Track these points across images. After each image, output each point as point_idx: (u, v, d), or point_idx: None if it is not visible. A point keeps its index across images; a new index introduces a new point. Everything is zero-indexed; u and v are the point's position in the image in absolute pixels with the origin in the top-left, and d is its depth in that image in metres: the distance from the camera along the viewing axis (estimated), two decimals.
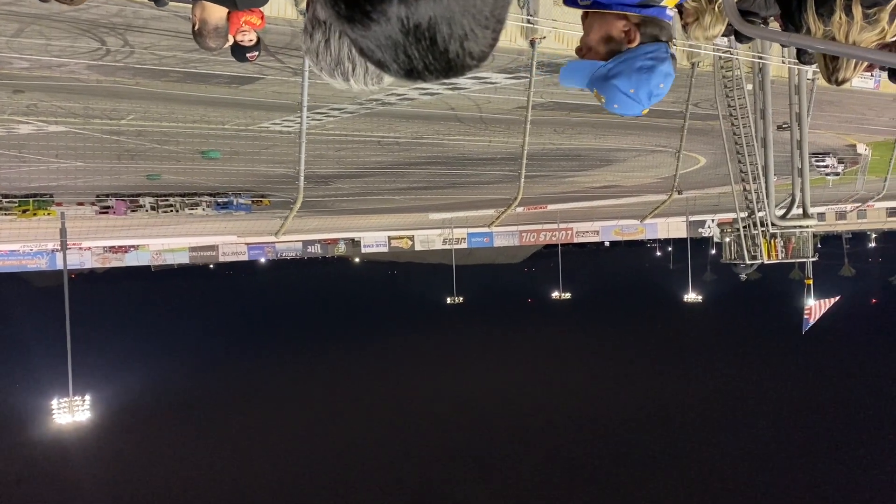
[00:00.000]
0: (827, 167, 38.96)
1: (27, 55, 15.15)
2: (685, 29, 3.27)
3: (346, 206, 35.36)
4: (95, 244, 40.56)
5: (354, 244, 50.13)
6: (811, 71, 20.19)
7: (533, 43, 16.36)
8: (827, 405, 49.18)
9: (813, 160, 34.03)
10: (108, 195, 31.87)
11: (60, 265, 33.10)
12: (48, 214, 30.78)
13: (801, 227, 24.15)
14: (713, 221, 50.23)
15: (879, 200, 41.84)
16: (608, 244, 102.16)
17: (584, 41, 2.24)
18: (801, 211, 24.13)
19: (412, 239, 50.79)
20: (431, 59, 0.89)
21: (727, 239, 25.32)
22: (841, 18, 2.24)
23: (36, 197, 30.42)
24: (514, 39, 16.44)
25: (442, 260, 72.04)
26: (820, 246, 38.54)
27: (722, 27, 3.16)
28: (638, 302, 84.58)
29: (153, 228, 36.65)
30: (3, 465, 42.76)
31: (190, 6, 4.27)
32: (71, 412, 30.84)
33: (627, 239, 64.71)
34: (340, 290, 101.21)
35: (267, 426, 48.08)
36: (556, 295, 61.25)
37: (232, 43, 4.86)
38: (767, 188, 22.75)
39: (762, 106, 22.31)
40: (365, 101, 21.81)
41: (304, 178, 15.57)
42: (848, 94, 24.67)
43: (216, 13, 4.20)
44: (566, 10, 2.42)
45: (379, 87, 1.34)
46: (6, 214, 29.64)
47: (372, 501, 38.66)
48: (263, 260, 59.93)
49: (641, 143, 32.50)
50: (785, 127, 24.51)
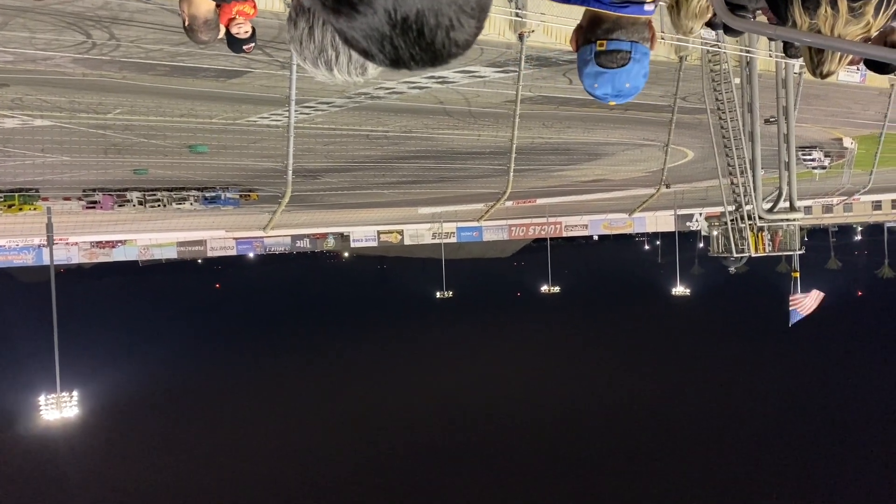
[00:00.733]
0: (814, 161, 39.20)
1: (11, 48, 15.00)
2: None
3: (334, 200, 35.34)
4: (82, 239, 40.35)
5: (343, 238, 50.12)
6: (798, 65, 20.27)
7: (521, 37, 16.36)
8: (812, 396, 49.58)
9: (800, 154, 34.25)
10: (94, 190, 31.65)
11: (47, 260, 32.92)
12: (34, 209, 30.56)
13: (788, 220, 24.29)
14: (701, 215, 50.55)
15: (865, 194, 42.12)
16: (597, 238, 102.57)
17: None
18: (787, 204, 24.27)
19: (401, 233, 50.81)
20: (418, 49, 0.89)
21: (715, 232, 25.48)
22: (826, 12, 2.26)
23: (21, 192, 30.19)
24: (502, 33, 16.43)
25: (431, 254, 72.04)
26: (807, 239, 38.84)
27: (703, 21, 3.17)
28: (626, 295, 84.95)
29: (140, 223, 36.52)
30: None
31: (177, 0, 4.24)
32: (59, 408, 30.71)
33: (616, 233, 64.98)
34: (329, 284, 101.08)
35: (256, 421, 47.99)
36: (545, 288, 61.49)
37: (225, 35, 4.83)
38: (755, 182, 22.87)
39: (749, 100, 22.40)
40: (353, 94, 21.75)
41: (292, 172, 15.52)
42: (834, 88, 24.84)
43: (203, 6, 4.18)
44: (554, 3, 2.44)
45: (363, 78, 1.33)
46: None
47: (362, 496, 38.70)
48: (252, 255, 59.78)
49: (630, 137, 32.59)
50: (772, 121, 24.64)
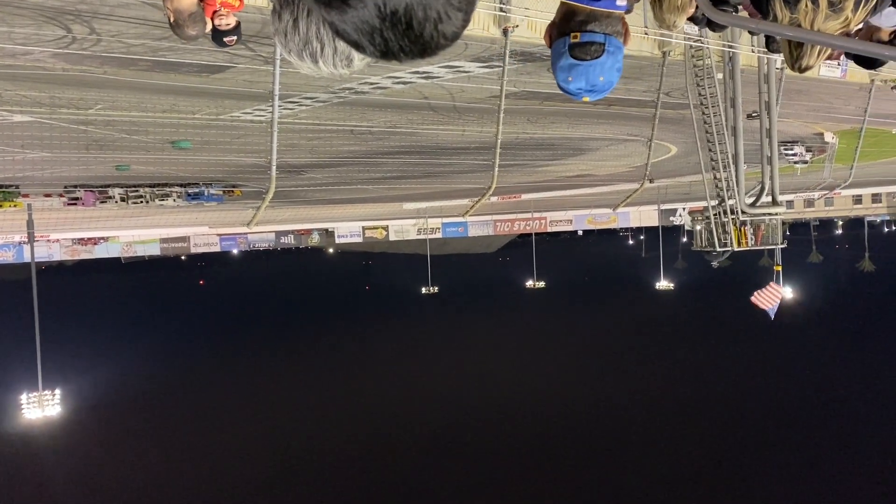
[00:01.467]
0: (795, 155, 39.53)
1: None
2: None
3: (319, 196, 35.16)
4: (64, 236, 39.95)
5: (328, 234, 49.97)
6: (780, 60, 20.44)
7: (506, 32, 16.37)
8: (797, 388, 50.12)
9: (782, 149, 34.51)
10: (76, 186, 31.32)
11: (28, 258, 32.56)
12: (14, 206, 30.22)
13: (770, 214, 24.49)
14: (684, 210, 50.87)
15: (846, 188, 42.52)
16: (581, 233, 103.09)
17: None
18: (770, 199, 24.46)
19: (386, 229, 50.73)
20: (407, 42, 0.91)
21: (698, 227, 25.59)
22: (807, 6, 2.29)
23: (1, 188, 29.83)
24: (486, 28, 16.43)
25: (417, 250, 72.07)
26: (789, 233, 39.17)
27: (685, 16, 3.19)
28: (611, 290, 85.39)
29: (123, 220, 36.18)
30: None
31: None
32: (41, 407, 30.51)
33: (600, 227, 65.32)
34: (314, 280, 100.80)
35: (241, 418, 47.83)
36: (530, 284, 61.67)
37: (211, 28, 4.79)
38: (737, 176, 23.04)
39: (732, 95, 22.56)
40: (337, 89, 21.67)
41: (276, 167, 15.46)
42: (815, 83, 25.04)
43: (186, 0, 4.15)
44: None
45: (348, 70, 1.33)
46: None
47: (348, 491, 38.69)
48: (236, 251, 59.58)
49: (614, 132, 32.71)
50: (755, 116, 24.83)
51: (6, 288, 74.80)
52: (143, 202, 32.50)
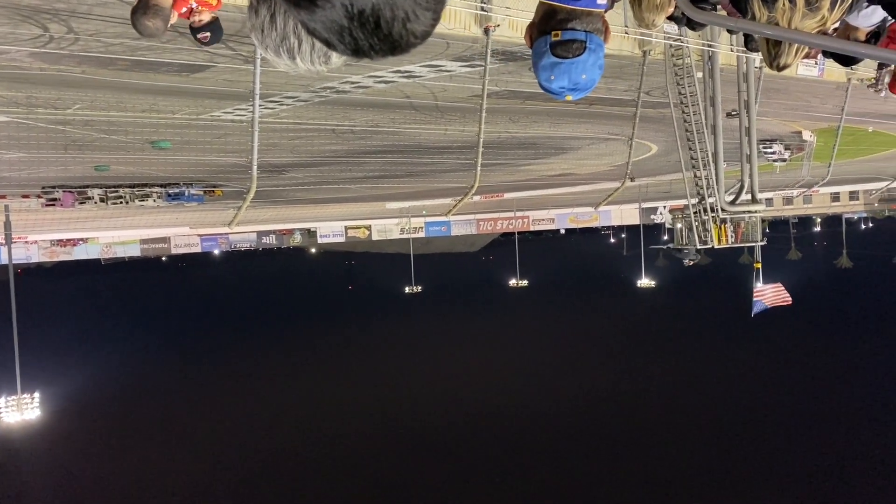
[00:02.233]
0: (774, 154, 39.91)
1: None
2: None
3: (301, 195, 35.02)
4: (42, 237, 39.51)
5: (310, 234, 49.79)
6: (759, 59, 20.62)
7: (487, 31, 16.40)
8: (776, 383, 50.64)
9: (761, 147, 34.84)
10: (54, 187, 30.96)
11: (5, 259, 32.16)
12: None
13: (749, 212, 24.76)
14: (665, 208, 51.27)
15: (824, 186, 43.06)
16: (563, 231, 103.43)
17: None
18: (749, 196, 24.72)
19: (369, 228, 50.64)
20: (376, 40, 0.93)
21: (679, 225, 25.84)
22: (784, 5, 2.32)
23: None
24: (468, 27, 16.45)
25: (400, 249, 71.95)
26: (768, 230, 39.54)
27: (664, 15, 3.21)
28: (593, 288, 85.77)
29: (102, 221, 35.80)
30: None
31: None
32: (20, 410, 30.19)
33: (582, 226, 65.66)
34: (297, 281, 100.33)
35: (223, 420, 47.53)
36: (513, 282, 61.83)
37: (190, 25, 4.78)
38: (717, 174, 23.25)
39: (712, 93, 22.77)
40: (319, 88, 21.59)
41: (257, 167, 15.38)
42: (794, 81, 25.32)
43: None
44: None
45: (326, 66, 1.33)
46: None
47: (333, 493, 38.59)
48: (217, 251, 59.16)
49: (595, 131, 32.85)
50: (734, 114, 25.05)
51: None
52: (122, 203, 32.20)
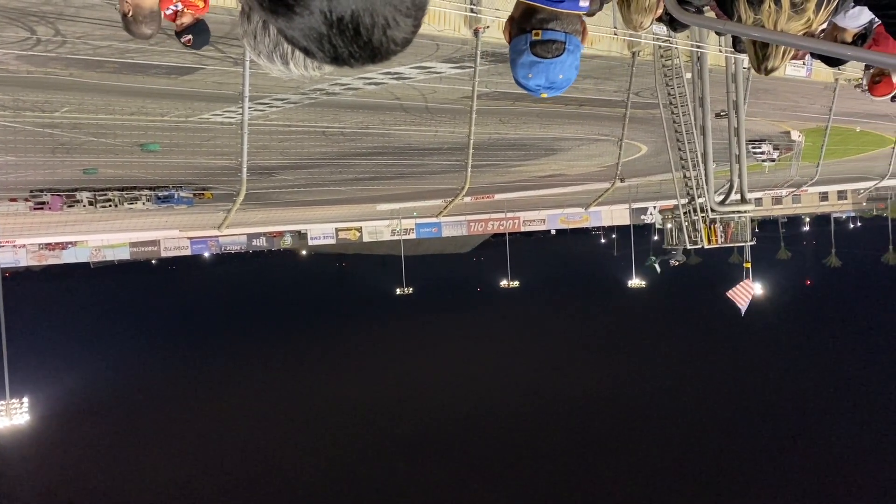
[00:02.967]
0: (763, 154, 40.11)
1: None
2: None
3: (291, 197, 34.95)
4: (31, 241, 39.25)
5: (301, 237, 49.61)
6: (747, 60, 20.74)
7: (477, 32, 16.41)
8: (762, 380, 50.87)
9: (750, 147, 35.02)
10: (42, 190, 30.78)
11: None
12: None
13: (739, 212, 24.86)
14: (655, 208, 51.42)
15: (812, 185, 43.32)
16: (554, 232, 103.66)
17: None
18: (739, 196, 24.82)
19: (360, 230, 50.54)
20: (356, 48, 0.92)
21: (669, 225, 25.92)
22: (770, 7, 2.33)
23: None
24: (457, 29, 16.46)
25: (391, 251, 71.91)
26: (758, 230, 39.73)
27: (648, 16, 3.22)
28: (584, 288, 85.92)
29: (91, 224, 35.64)
30: None
31: None
32: (8, 415, 30.05)
33: (573, 227, 65.78)
34: (288, 283, 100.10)
35: (214, 425, 47.36)
36: (504, 283, 61.91)
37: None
38: (707, 175, 23.34)
39: (701, 94, 22.85)
40: (308, 90, 21.55)
41: (246, 169, 15.32)
42: (782, 82, 25.46)
43: None
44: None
45: (319, 72, 1.32)
46: None
47: (324, 495, 38.51)
48: (207, 254, 58.93)
49: (585, 132, 32.93)
50: (723, 115, 25.16)
51: None
52: (111, 206, 32.03)
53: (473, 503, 37.37)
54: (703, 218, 23.92)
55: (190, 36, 4.82)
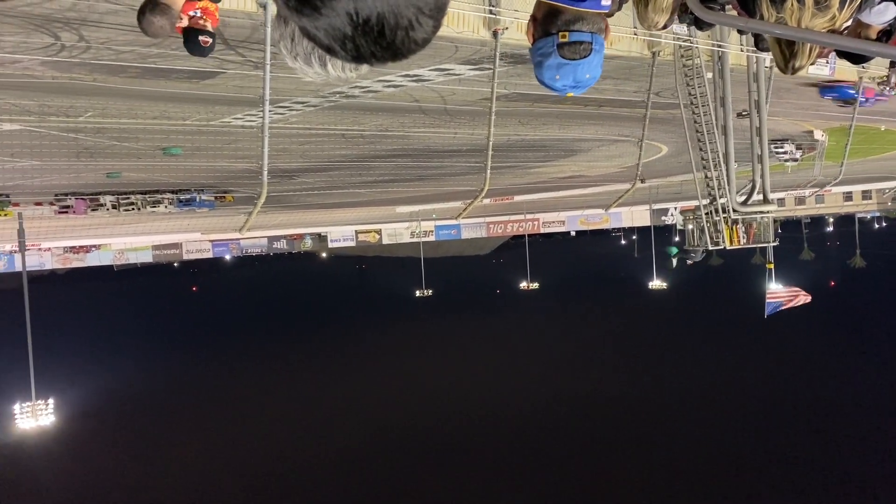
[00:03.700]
0: (786, 153, 39.67)
1: None
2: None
3: (311, 200, 35.14)
4: (55, 245, 39.78)
5: (321, 239, 49.85)
6: (769, 59, 20.53)
7: (496, 34, 16.39)
8: (788, 385, 50.28)
9: (772, 147, 34.64)
10: (67, 194, 31.20)
11: (19, 267, 32.43)
12: (5, 215, 30.09)
13: (761, 212, 24.59)
14: (676, 209, 50.99)
15: (836, 185, 42.78)
16: (574, 234, 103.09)
17: None
18: (761, 197, 24.56)
19: (379, 233, 50.67)
20: (378, 48, 0.94)
21: (690, 226, 25.69)
22: (793, 5, 2.31)
23: None
24: (476, 30, 16.45)
25: (410, 253, 71.98)
26: (780, 231, 39.30)
27: (666, 16, 3.20)
28: (604, 290, 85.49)
29: (115, 227, 36.03)
30: None
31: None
32: (34, 416, 30.38)
33: (593, 228, 65.41)
34: (308, 285, 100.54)
35: (236, 424, 47.68)
36: (524, 285, 61.71)
37: (184, 29, 4.81)
38: (728, 175, 23.11)
39: (722, 94, 22.64)
40: (328, 93, 21.65)
41: (267, 172, 15.41)
42: (804, 81, 25.18)
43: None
44: (528, 0, 2.45)
45: (355, 73, 1.34)
46: None
47: (344, 496, 38.62)
48: (228, 257, 59.30)
49: (605, 132, 32.78)
50: (744, 114, 24.92)
51: None
52: (134, 209, 32.40)
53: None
54: (724, 219, 23.69)
55: (209, 39, 4.88)
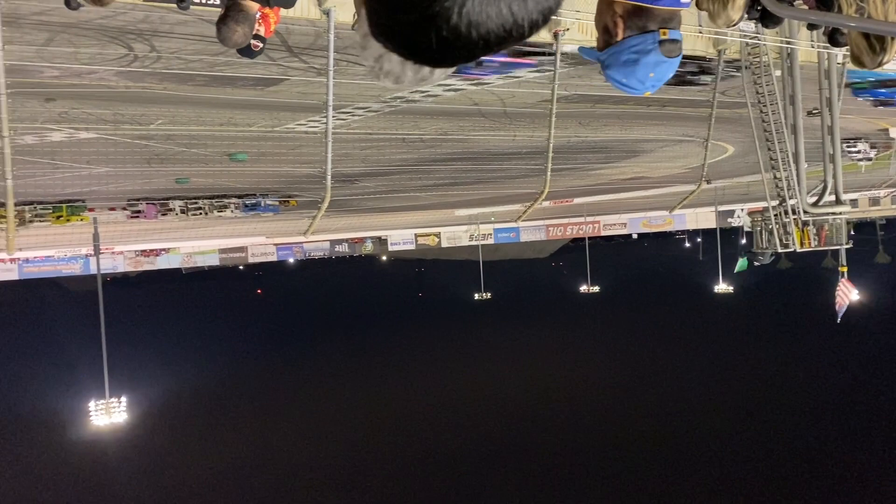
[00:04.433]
0: (859, 152, 38.24)
1: (57, 63, 15.42)
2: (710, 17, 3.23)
3: (372, 204, 35.46)
4: (127, 248, 41.20)
5: (381, 242, 50.34)
6: (841, 55, 19.81)
7: (556, 35, 16.26)
8: (863, 392, 48.36)
9: (844, 146, 33.41)
10: (138, 199, 32.32)
11: (94, 269, 33.74)
12: (81, 220, 31.29)
13: (833, 213, 23.72)
14: (743, 210, 49.60)
15: None
16: (636, 236, 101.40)
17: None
18: (833, 198, 23.70)
19: (439, 236, 50.85)
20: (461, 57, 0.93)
21: (758, 228, 24.97)
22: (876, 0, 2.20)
23: (69, 203, 30.95)
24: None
25: (469, 256, 71.99)
26: (854, 233, 37.84)
27: (742, 12, 3.11)
28: (667, 294, 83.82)
29: (183, 231, 37.10)
30: (42, 465, 43.67)
31: (214, 9, 4.35)
32: (108, 414, 31.43)
33: (656, 230, 64.17)
34: (368, 288, 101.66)
35: (302, 424, 48.50)
36: (584, 288, 60.99)
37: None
38: (798, 175, 22.38)
39: (791, 92, 21.94)
40: (389, 99, 21.85)
41: (330, 177, 15.62)
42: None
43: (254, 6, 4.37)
44: (589, 0, 2.43)
45: (432, 77, 1.34)
46: (41, 221, 30.21)
47: (405, 498, 38.83)
48: (292, 260, 60.45)
49: (668, 133, 32.17)
50: (815, 113, 24.09)
51: (74, 299, 77.62)
52: (201, 214, 33.32)
53: None
54: (794, 220, 22.94)
55: (261, 44, 5.04)
